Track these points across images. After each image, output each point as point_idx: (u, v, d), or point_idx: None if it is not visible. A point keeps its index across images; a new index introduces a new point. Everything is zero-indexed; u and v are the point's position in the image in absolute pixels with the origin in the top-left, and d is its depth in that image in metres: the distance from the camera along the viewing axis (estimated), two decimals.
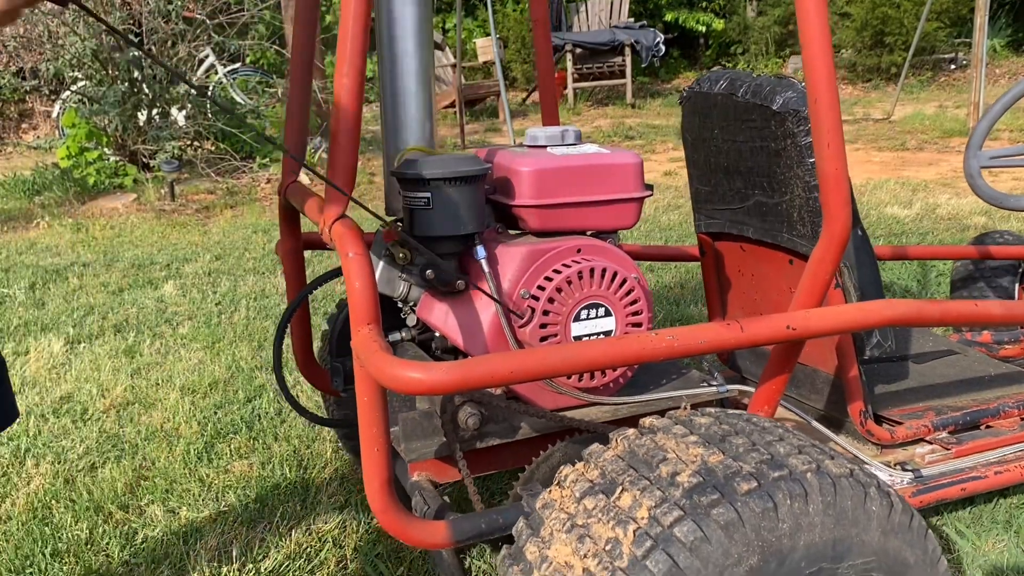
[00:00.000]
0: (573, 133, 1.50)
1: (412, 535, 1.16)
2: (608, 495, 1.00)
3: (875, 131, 8.51)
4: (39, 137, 9.09)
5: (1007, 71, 11.26)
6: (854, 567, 0.98)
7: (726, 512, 0.93)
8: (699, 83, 1.82)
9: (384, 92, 1.49)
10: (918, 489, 1.67)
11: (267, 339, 3.23)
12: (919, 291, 3.51)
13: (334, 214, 1.18)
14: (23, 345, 3.20)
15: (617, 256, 1.40)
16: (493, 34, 7.28)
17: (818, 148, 1.27)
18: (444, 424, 1.31)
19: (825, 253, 1.31)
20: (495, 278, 1.34)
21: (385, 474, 1.11)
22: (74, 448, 2.34)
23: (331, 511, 1.99)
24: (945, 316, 1.40)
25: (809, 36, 1.22)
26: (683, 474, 0.98)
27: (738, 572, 0.92)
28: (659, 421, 1.12)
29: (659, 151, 8.02)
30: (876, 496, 0.99)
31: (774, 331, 1.23)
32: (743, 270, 1.93)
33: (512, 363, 1.04)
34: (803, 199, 1.58)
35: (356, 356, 1.06)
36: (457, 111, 7.90)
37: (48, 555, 1.84)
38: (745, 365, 2.06)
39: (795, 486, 0.96)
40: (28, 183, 6.41)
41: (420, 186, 1.31)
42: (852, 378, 1.70)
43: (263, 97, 7.26)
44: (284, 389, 1.76)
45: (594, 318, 1.37)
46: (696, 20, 13.01)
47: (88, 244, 5.00)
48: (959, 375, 2.07)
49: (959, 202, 5.29)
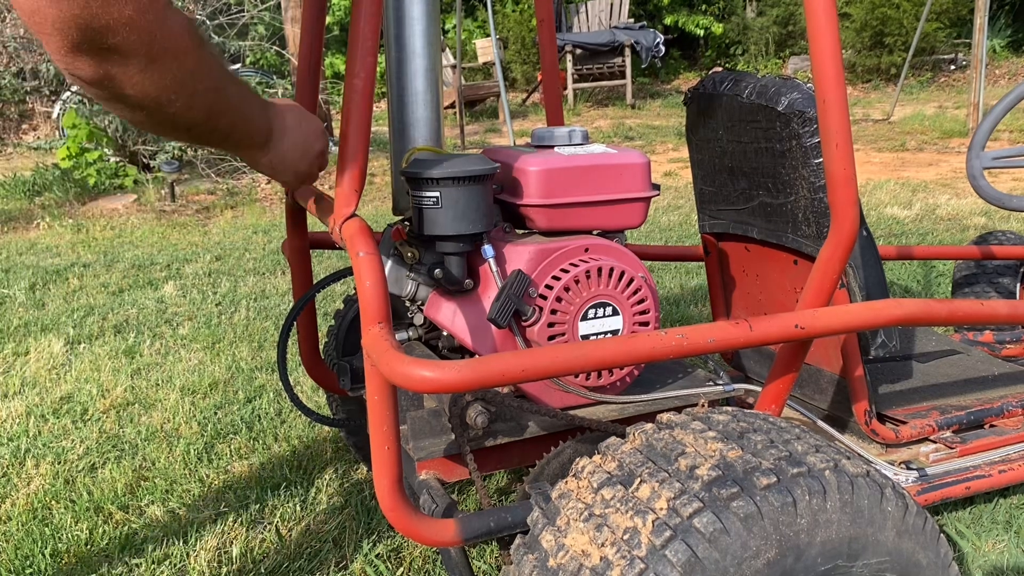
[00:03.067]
0: (580, 133, 1.50)
1: (422, 533, 1.16)
2: (626, 486, 1.00)
3: (875, 132, 8.53)
4: (39, 138, 9.08)
5: (1007, 71, 11.29)
6: (868, 566, 0.98)
7: (745, 505, 0.93)
8: (704, 84, 1.82)
9: (392, 92, 1.49)
10: (923, 488, 1.67)
11: (267, 340, 3.23)
12: (920, 291, 3.52)
13: (344, 213, 1.18)
14: (23, 345, 3.19)
15: (624, 255, 1.40)
16: (493, 35, 7.28)
17: (826, 149, 1.27)
18: (453, 422, 1.31)
19: (833, 253, 1.31)
20: (503, 277, 1.34)
21: (395, 473, 1.11)
22: (74, 448, 2.33)
23: (331, 511, 1.99)
24: (953, 315, 1.40)
25: (817, 36, 1.22)
26: (702, 467, 0.98)
27: (756, 565, 0.92)
28: (676, 417, 1.12)
29: (659, 151, 8.02)
30: (892, 497, 1.00)
31: (783, 330, 1.23)
32: (747, 270, 1.93)
33: (523, 362, 1.04)
34: (808, 200, 1.58)
35: (367, 355, 1.06)
36: (457, 112, 7.91)
37: (48, 555, 1.83)
38: (749, 364, 2.06)
39: (814, 483, 0.96)
40: (28, 184, 6.40)
41: (429, 185, 1.30)
42: (857, 378, 1.70)
43: None
44: (288, 389, 1.76)
45: (601, 317, 1.37)
46: (695, 24, 13.04)
47: (88, 245, 5.00)
48: (963, 374, 2.07)
49: (959, 203, 5.30)
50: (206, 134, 1.06)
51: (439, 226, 1.32)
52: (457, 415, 1.30)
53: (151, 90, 0.91)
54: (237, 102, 1.08)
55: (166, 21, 0.88)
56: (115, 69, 0.86)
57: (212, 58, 0.99)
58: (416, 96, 1.47)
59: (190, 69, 0.94)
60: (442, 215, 1.31)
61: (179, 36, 0.91)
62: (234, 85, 1.07)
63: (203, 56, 0.96)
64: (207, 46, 0.98)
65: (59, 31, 0.80)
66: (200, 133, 1.05)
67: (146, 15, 0.84)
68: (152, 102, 0.92)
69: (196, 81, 0.96)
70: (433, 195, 1.30)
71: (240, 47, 6.87)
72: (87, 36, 0.81)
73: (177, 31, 0.90)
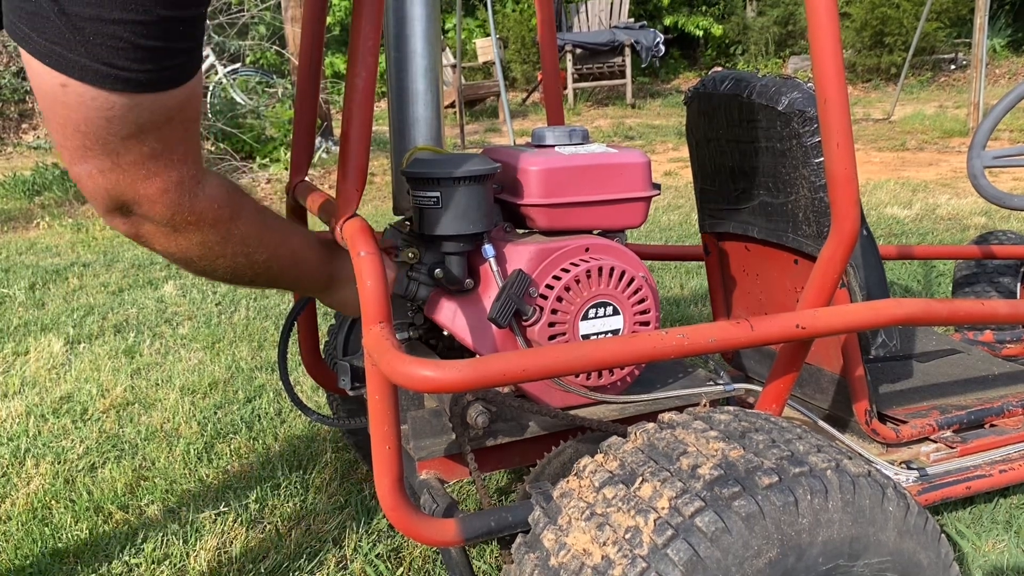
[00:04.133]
0: (580, 132, 1.50)
1: (423, 533, 1.16)
2: (628, 485, 1.00)
3: (875, 131, 8.53)
4: (39, 137, 9.08)
5: (1007, 71, 11.29)
6: (869, 566, 0.98)
7: (747, 504, 0.93)
8: (704, 83, 1.82)
9: (392, 92, 1.49)
10: (923, 487, 1.67)
11: (267, 339, 3.23)
12: (920, 291, 3.52)
13: (345, 213, 1.18)
14: (23, 345, 3.19)
15: (625, 255, 1.40)
16: (493, 34, 7.28)
17: (827, 148, 1.27)
18: (453, 422, 1.31)
19: (834, 252, 1.31)
20: (503, 277, 1.34)
21: (396, 472, 1.11)
22: (74, 448, 2.33)
23: (331, 511, 1.99)
24: (954, 315, 1.40)
25: (818, 35, 1.22)
26: (704, 467, 0.98)
27: (757, 564, 0.92)
28: (678, 416, 1.12)
29: (659, 151, 8.02)
30: (894, 497, 1.00)
31: (784, 330, 1.23)
32: (748, 270, 1.93)
33: (524, 361, 1.04)
34: (808, 199, 1.58)
35: (368, 354, 1.06)
36: (457, 111, 7.90)
37: (48, 555, 1.83)
38: (750, 364, 2.06)
39: (815, 482, 0.96)
40: (28, 183, 6.39)
41: (430, 185, 1.30)
42: (857, 377, 1.70)
43: (263, 97, 7.26)
44: (288, 388, 1.76)
45: (602, 316, 1.37)
46: (695, 24, 13.04)
47: (88, 244, 4.99)
48: (963, 374, 2.07)
49: (959, 202, 5.29)
50: (246, 283, 1.15)
51: (439, 226, 1.32)
52: (458, 415, 1.30)
53: (176, 251, 1.01)
54: (283, 263, 1.15)
55: (195, 197, 0.97)
56: (144, 230, 0.98)
57: (251, 227, 1.07)
58: (416, 96, 1.46)
59: (217, 239, 1.02)
60: (442, 215, 1.31)
61: (207, 210, 0.99)
62: (285, 247, 1.14)
63: (233, 229, 1.04)
64: (245, 217, 1.06)
65: (94, 199, 0.92)
66: (240, 283, 1.15)
67: (169, 193, 0.93)
68: (180, 260, 1.03)
69: (225, 246, 1.04)
70: (434, 195, 1.30)
71: (240, 46, 6.87)
72: (117, 204, 0.93)
73: (205, 205, 0.99)
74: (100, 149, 0.87)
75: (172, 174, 0.93)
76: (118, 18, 0.78)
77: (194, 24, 0.85)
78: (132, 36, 0.79)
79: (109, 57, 0.80)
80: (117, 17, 0.78)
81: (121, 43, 0.79)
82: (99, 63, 0.80)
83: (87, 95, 0.82)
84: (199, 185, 0.97)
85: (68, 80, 0.81)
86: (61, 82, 0.81)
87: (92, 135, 0.86)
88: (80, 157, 0.88)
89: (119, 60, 0.81)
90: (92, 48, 0.79)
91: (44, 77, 0.82)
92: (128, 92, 0.83)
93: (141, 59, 0.82)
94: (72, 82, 0.81)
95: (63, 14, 0.77)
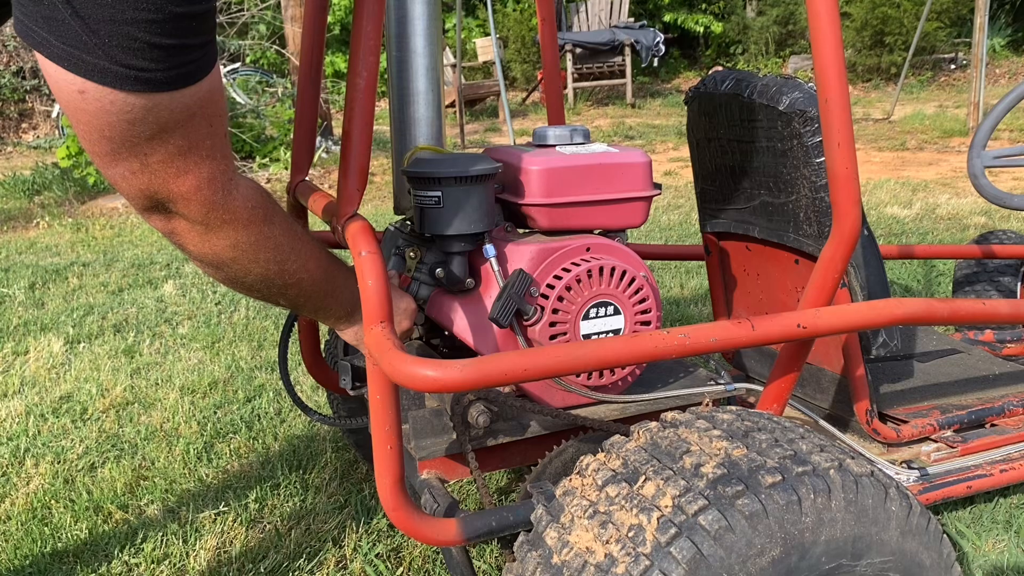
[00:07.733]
0: (581, 132, 1.50)
1: (424, 533, 1.16)
2: (631, 483, 1.00)
3: (875, 131, 8.53)
4: (39, 137, 9.08)
5: (1007, 71, 11.29)
6: (872, 566, 0.98)
7: (751, 503, 0.93)
8: (705, 83, 1.82)
9: (393, 91, 1.49)
10: (924, 487, 1.67)
11: (267, 339, 3.23)
12: (921, 290, 3.52)
13: (346, 212, 1.18)
14: (23, 345, 3.19)
15: (626, 254, 1.40)
16: (493, 34, 7.28)
17: (828, 147, 1.27)
18: (454, 422, 1.31)
19: (835, 252, 1.31)
20: (504, 277, 1.33)
21: (397, 472, 1.11)
22: (74, 448, 2.33)
23: (331, 511, 1.98)
24: (955, 315, 1.40)
25: (819, 35, 1.22)
26: (707, 466, 0.98)
27: (760, 563, 0.92)
28: (681, 415, 1.12)
29: (660, 151, 8.02)
30: (896, 497, 1.00)
31: (785, 329, 1.23)
32: (748, 270, 1.93)
33: (525, 361, 1.04)
34: (809, 199, 1.58)
35: (369, 354, 1.06)
36: (457, 111, 7.90)
37: (48, 555, 1.83)
38: (751, 364, 2.06)
39: (819, 482, 0.96)
40: (28, 183, 6.40)
41: (431, 185, 1.30)
42: (858, 377, 1.70)
43: (263, 97, 7.26)
44: (289, 388, 1.76)
45: (603, 316, 1.36)
46: (695, 22, 13.04)
47: (88, 244, 4.99)
48: (964, 374, 2.07)
49: (959, 202, 5.29)
50: (272, 298, 1.15)
51: (441, 226, 1.31)
52: (459, 414, 1.30)
53: (207, 252, 1.02)
54: (314, 276, 1.15)
55: (229, 194, 0.98)
56: (179, 228, 0.99)
57: (283, 234, 1.07)
58: (417, 95, 1.46)
59: (250, 241, 1.03)
60: (444, 215, 1.31)
61: (241, 208, 1.00)
62: (315, 260, 1.14)
63: (267, 232, 1.05)
64: (278, 224, 1.06)
65: (132, 198, 0.94)
66: (266, 297, 1.14)
67: (202, 191, 0.95)
68: (210, 262, 1.04)
69: (258, 251, 1.04)
70: (435, 194, 1.30)
71: (240, 46, 6.87)
72: (154, 203, 0.95)
73: (240, 204, 0.99)
74: (128, 152, 0.88)
75: (203, 170, 0.93)
76: (132, 18, 0.78)
77: (205, 19, 0.85)
78: (146, 35, 0.80)
79: (126, 58, 0.80)
80: (131, 17, 0.78)
81: (136, 43, 0.80)
82: (117, 64, 0.80)
83: (106, 99, 0.82)
84: (232, 182, 0.98)
85: (85, 85, 0.81)
86: (79, 88, 0.82)
87: (118, 139, 0.87)
88: (111, 161, 0.89)
89: (136, 60, 0.81)
90: (109, 50, 0.79)
91: (62, 84, 0.82)
92: (147, 92, 0.83)
93: (157, 58, 0.82)
94: (90, 88, 0.82)
95: (78, 16, 0.77)
